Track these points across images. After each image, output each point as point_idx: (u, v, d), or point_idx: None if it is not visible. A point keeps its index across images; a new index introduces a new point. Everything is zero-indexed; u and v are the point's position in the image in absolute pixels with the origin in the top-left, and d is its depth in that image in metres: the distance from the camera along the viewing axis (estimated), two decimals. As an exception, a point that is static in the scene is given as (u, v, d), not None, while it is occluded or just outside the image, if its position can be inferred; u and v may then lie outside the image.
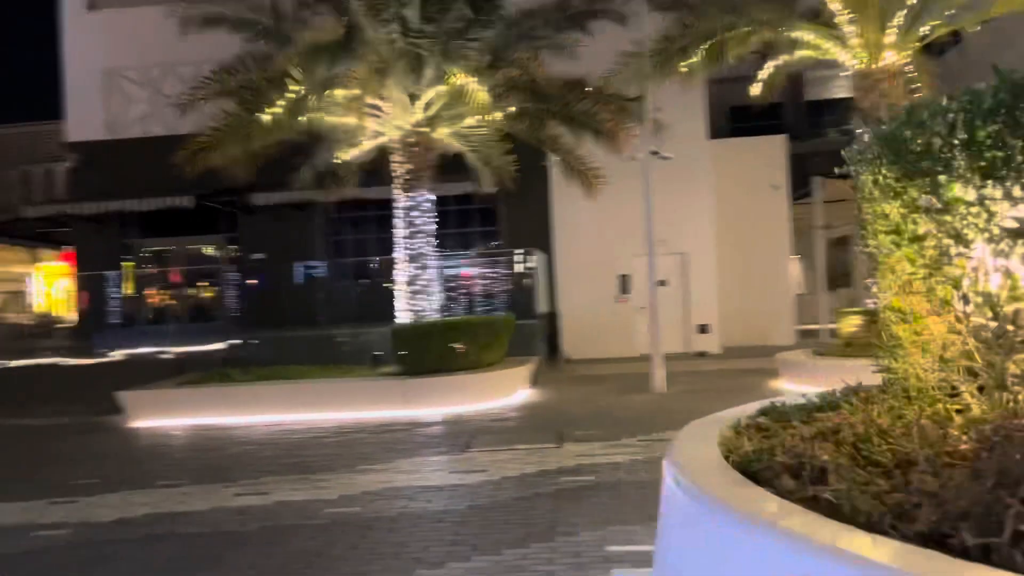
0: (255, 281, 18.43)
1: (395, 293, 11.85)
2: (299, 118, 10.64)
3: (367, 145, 12.41)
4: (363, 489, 6.34)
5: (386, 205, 17.09)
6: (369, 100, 10.68)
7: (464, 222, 17.58)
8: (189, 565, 4.72)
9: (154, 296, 18.64)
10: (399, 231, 11.86)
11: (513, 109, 11.55)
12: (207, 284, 18.95)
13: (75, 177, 18.50)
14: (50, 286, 44.05)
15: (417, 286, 11.59)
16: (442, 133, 11.82)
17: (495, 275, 15.71)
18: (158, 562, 4.82)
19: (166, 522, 5.63)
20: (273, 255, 17.87)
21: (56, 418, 11.23)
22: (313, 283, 18.36)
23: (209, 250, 19.45)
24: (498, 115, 11.57)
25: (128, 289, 18.21)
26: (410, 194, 11.65)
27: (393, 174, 12.19)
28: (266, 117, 10.15)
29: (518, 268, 15.60)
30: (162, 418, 10.35)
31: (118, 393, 10.54)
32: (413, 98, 11.24)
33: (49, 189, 35.47)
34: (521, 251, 15.73)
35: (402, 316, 11.69)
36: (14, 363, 14.34)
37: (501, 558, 4.50)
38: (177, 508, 5.99)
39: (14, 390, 13.40)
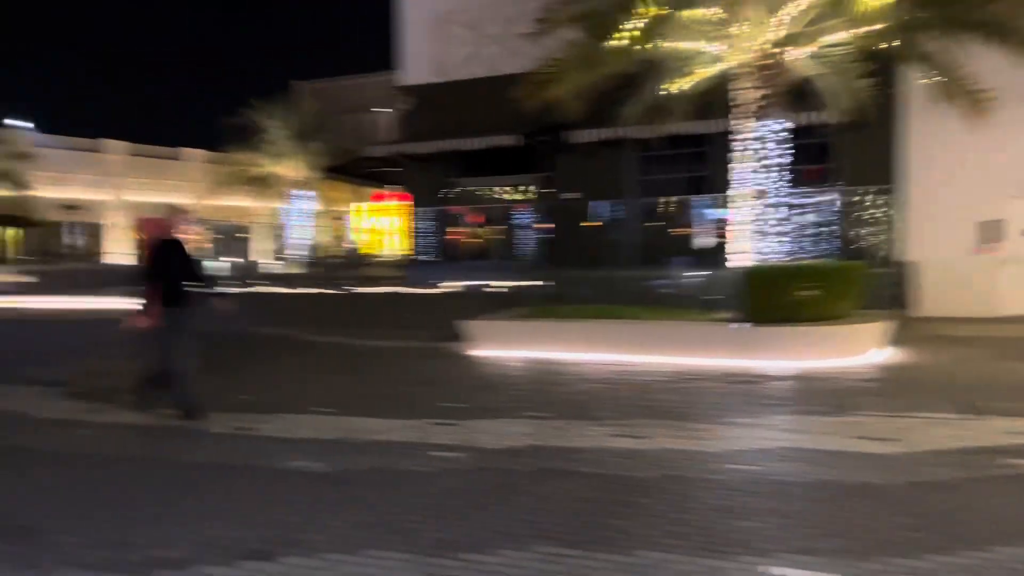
0: (550, 225, 18.55)
1: (731, 233, 10.96)
2: (646, 44, 10.01)
3: (702, 73, 11.51)
4: (751, 445, 5.71)
5: (699, 141, 16.19)
6: (725, 18, 9.74)
7: (793, 158, 16.06)
8: (603, 509, 4.41)
9: (467, 233, 19.60)
10: (741, 165, 10.88)
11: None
12: (516, 224, 19.47)
13: (407, 120, 19.78)
14: (365, 222, 48.86)
15: (762, 225, 10.59)
16: (799, 53, 10.53)
17: (837, 216, 14.09)
18: (564, 500, 4.58)
19: (555, 457, 5.45)
20: (585, 194, 17.78)
21: (402, 341, 12.02)
22: (622, 222, 18.02)
23: (518, 192, 19.95)
24: (866, 29, 10.01)
25: (448, 226, 19.30)
26: (761, 122, 10.57)
27: (733, 104, 11.19)
28: (615, 43, 9.65)
29: (867, 210, 13.83)
30: (500, 348, 10.59)
31: (460, 322, 10.96)
32: (773, 13, 10.07)
33: (372, 134, 39.03)
34: (873, 189, 13.92)
35: (738, 259, 10.79)
36: (359, 290, 15.75)
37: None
38: (559, 443, 5.82)
39: (361, 314, 14.71)
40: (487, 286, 15.89)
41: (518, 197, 19.73)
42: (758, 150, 10.82)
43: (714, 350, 9.71)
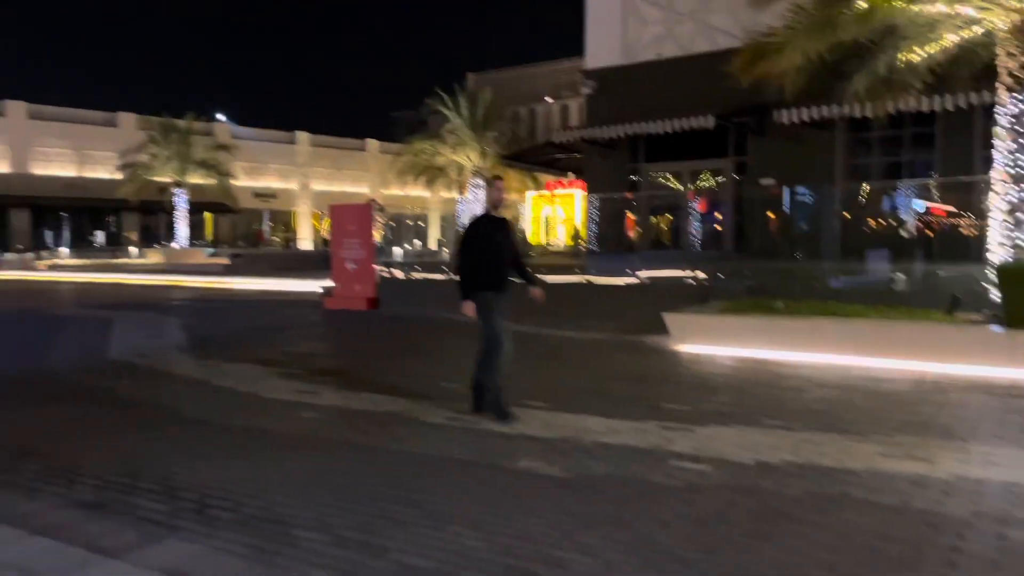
0: (739, 212, 17.31)
1: (991, 223, 9.54)
2: (896, 4, 8.83)
3: (948, 41, 10.08)
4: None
5: (925, 120, 14.44)
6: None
7: None
8: (919, 553, 3.65)
9: (652, 222, 18.78)
10: (1004, 144, 9.42)
11: None
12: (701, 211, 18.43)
13: (590, 104, 19.28)
14: (539, 211, 48.94)
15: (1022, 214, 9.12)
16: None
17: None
18: (860, 536, 3.85)
19: (824, 479, 4.70)
20: (782, 179, 16.50)
21: (595, 333, 11.52)
22: (821, 210, 16.58)
23: (705, 178, 18.90)
24: None
25: (631, 214, 18.59)
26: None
27: (986, 75, 9.74)
28: (860, 4, 8.56)
29: None
30: (705, 344, 9.83)
31: (664, 314, 10.30)
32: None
33: (546, 123, 38.86)
34: None
35: (998, 253, 9.37)
36: (544, 279, 15.38)
37: None
38: (820, 460, 5.06)
39: (545, 303, 14.31)
40: (675, 276, 15.08)
41: (705, 183, 18.71)
42: (1016, 127, 9.33)
43: (966, 356, 8.43)
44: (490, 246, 6.22)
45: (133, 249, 42.64)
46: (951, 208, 15.36)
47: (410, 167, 32.50)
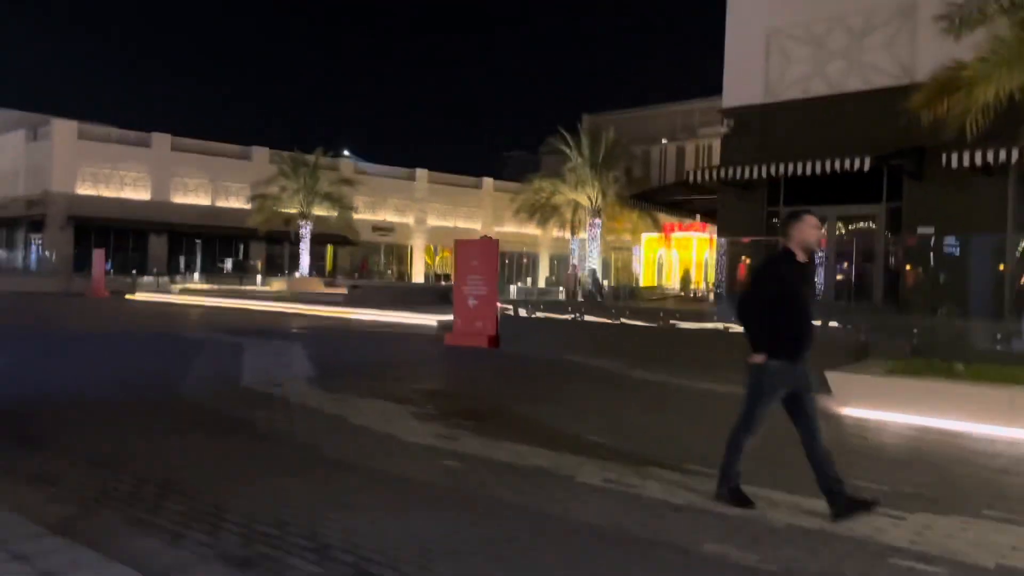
0: (894, 262, 15.94)
1: None
2: None
3: None
4: None
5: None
6: None
7: None
8: None
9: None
10: None
11: None
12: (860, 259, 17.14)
13: (728, 143, 18.47)
14: (652, 253, 47.84)
15: None
16: None
17: None
18: None
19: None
20: (943, 228, 15.12)
21: (739, 386, 10.62)
22: (980, 261, 15.06)
23: (855, 224, 17.63)
24: None
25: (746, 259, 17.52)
26: None
27: None
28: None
29: None
30: (873, 408, 8.80)
31: (827, 373, 9.34)
32: None
33: (663, 165, 38.06)
34: None
35: None
36: (683, 325, 14.60)
37: None
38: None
39: (674, 351, 13.48)
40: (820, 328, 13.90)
41: (855, 229, 17.46)
42: None
43: None
44: (796, 301, 4.97)
45: (259, 277, 44.38)
46: None
47: (528, 205, 32.36)
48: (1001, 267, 15.23)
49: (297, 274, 43.74)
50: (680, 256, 44.90)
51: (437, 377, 11.65)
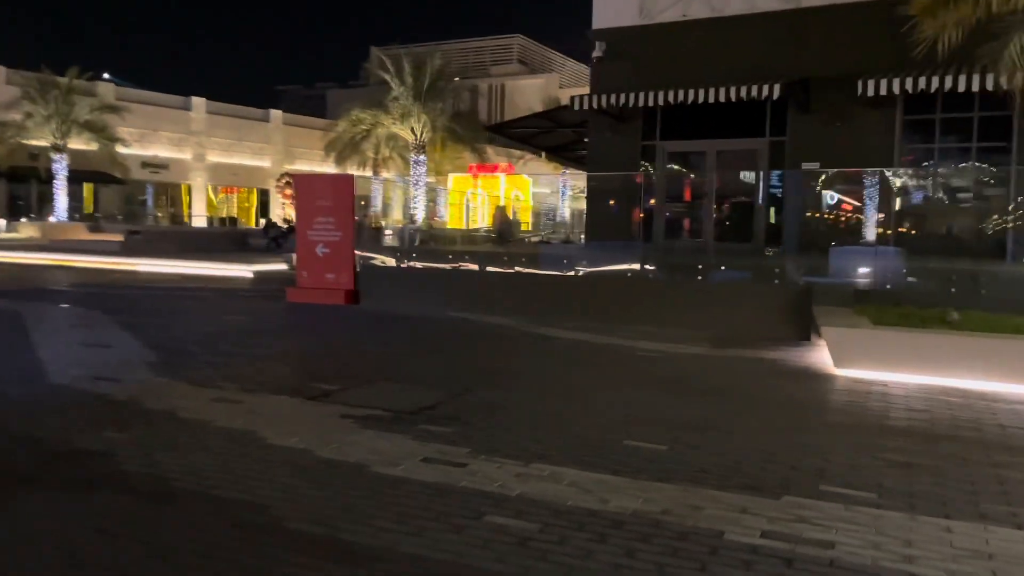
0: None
1: None
2: None
3: None
4: None
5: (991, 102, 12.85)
6: None
7: None
8: None
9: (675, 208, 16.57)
10: None
11: None
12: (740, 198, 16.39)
13: (598, 69, 16.79)
14: (459, 195, 46.04)
15: None
16: None
17: None
18: None
19: None
20: (829, 164, 14.66)
21: (688, 345, 9.15)
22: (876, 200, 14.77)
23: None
24: None
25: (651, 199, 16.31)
26: None
27: None
28: None
29: None
30: (870, 367, 7.65)
31: (824, 328, 8.05)
32: None
33: (475, 101, 35.86)
34: None
35: None
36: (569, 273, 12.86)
37: None
38: None
39: (562, 301, 11.76)
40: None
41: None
42: None
43: None
44: None
45: (1, 221, 36.74)
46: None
47: (347, 139, 28.96)
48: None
49: (52, 218, 36.75)
50: (488, 196, 43.61)
51: (320, 350, 8.98)
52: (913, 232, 14.43)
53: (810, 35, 14.34)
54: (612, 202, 16.55)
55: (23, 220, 37.71)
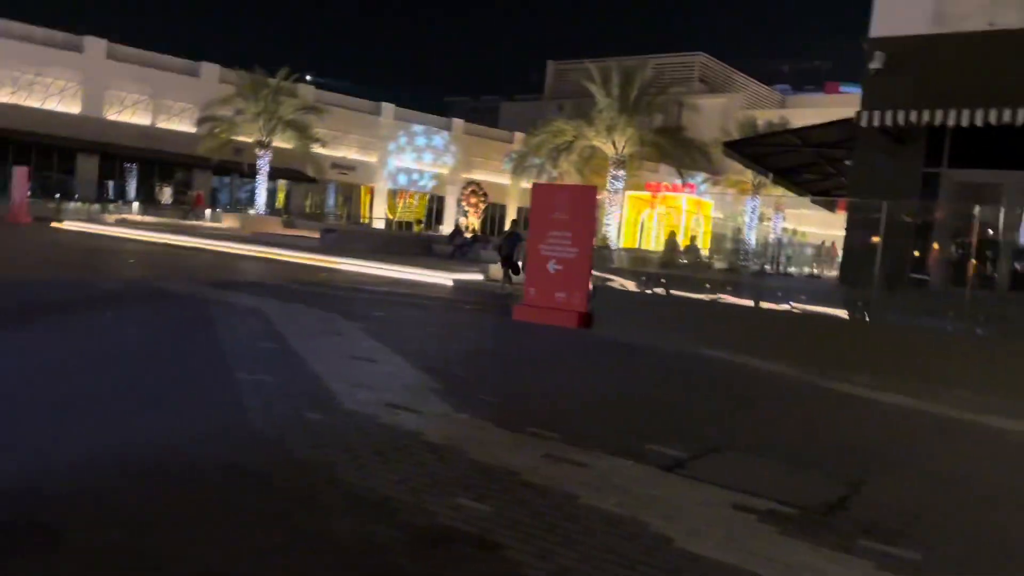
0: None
1: None
2: None
3: None
4: None
5: None
6: None
7: None
8: None
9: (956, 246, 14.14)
10: None
11: None
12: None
13: (874, 84, 14.68)
14: (636, 214, 44.30)
15: None
16: None
17: None
18: None
19: None
20: None
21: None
22: None
23: None
24: None
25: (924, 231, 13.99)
26: None
27: None
28: None
29: None
30: None
31: None
32: None
33: (692, 118, 34.04)
34: None
35: None
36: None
37: None
38: None
39: (811, 343, 9.82)
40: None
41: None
42: None
43: None
44: None
45: (207, 212, 38.85)
46: None
47: (547, 148, 28.06)
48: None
49: (252, 211, 38.48)
50: (670, 219, 41.56)
51: (613, 392, 7.67)
52: None
53: None
54: (876, 238, 14.12)
55: (225, 211, 39.77)
